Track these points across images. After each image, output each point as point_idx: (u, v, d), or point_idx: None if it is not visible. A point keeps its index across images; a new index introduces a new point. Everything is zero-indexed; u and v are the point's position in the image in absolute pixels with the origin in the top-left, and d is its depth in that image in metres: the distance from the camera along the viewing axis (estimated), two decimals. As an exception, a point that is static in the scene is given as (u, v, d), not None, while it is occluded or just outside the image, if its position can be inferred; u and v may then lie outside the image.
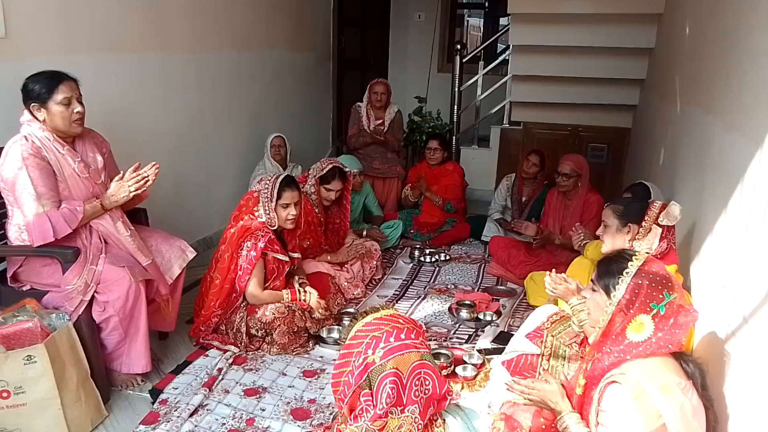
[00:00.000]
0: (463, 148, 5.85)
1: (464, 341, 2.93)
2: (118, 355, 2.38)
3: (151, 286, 2.43)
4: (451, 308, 3.24)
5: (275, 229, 2.81)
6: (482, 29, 8.38)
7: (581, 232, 2.99)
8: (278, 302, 2.74)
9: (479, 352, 2.73)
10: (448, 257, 4.09)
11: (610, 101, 4.97)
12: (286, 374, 2.58)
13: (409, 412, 1.92)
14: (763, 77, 1.92)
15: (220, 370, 2.55)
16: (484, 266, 3.96)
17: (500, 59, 5.79)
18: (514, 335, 2.51)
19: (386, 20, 7.19)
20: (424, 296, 3.47)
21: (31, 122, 2.21)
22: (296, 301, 2.77)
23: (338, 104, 6.31)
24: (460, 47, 5.57)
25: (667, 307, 1.56)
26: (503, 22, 7.39)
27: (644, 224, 2.34)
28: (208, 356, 2.68)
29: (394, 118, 4.88)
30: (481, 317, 3.13)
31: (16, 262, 2.30)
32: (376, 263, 3.69)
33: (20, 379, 1.98)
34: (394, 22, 7.23)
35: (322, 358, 2.73)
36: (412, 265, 3.98)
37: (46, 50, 2.65)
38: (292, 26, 5.07)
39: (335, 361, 2.07)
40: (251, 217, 2.79)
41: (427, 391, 1.97)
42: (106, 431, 2.21)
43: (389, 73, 7.20)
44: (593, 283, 1.71)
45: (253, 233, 2.73)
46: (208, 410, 2.31)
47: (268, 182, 2.80)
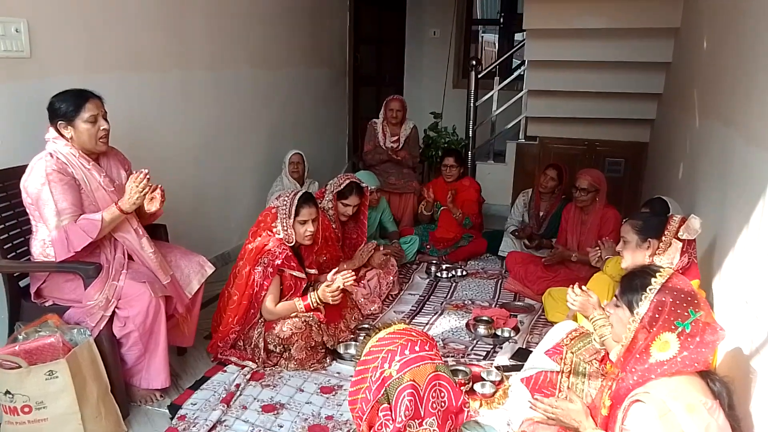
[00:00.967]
0: (478, 163, 5.85)
1: (482, 358, 2.90)
2: (137, 370, 2.39)
3: (170, 301, 2.44)
4: (468, 324, 3.22)
5: (293, 245, 2.82)
6: (497, 45, 8.43)
7: (599, 248, 2.97)
8: (293, 314, 2.73)
9: (497, 368, 2.71)
10: (464, 273, 4.06)
11: (627, 115, 4.94)
12: (303, 390, 2.57)
13: (427, 424, 1.92)
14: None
15: (238, 385, 2.55)
16: (501, 282, 3.94)
17: (515, 75, 5.80)
18: (532, 352, 2.49)
19: (401, 37, 7.25)
20: (441, 312, 3.45)
21: (57, 139, 2.25)
22: (310, 310, 2.76)
23: (354, 120, 6.36)
24: (475, 63, 5.59)
25: (692, 324, 1.53)
26: (518, 37, 7.42)
27: (664, 239, 2.32)
28: (226, 372, 2.69)
29: (409, 134, 4.90)
30: (498, 333, 3.11)
31: (39, 278, 2.33)
32: (392, 279, 3.68)
33: (42, 394, 2.00)
34: (409, 38, 7.29)
35: (339, 374, 2.72)
36: (428, 280, 3.96)
37: (69, 69, 2.70)
38: (308, 44, 5.14)
39: (352, 377, 2.06)
40: (269, 233, 2.80)
41: (443, 403, 1.97)
42: (125, 447, 2.22)
43: (404, 88, 7.23)
44: (617, 298, 1.70)
45: (270, 250, 2.73)
46: (226, 426, 2.30)
47: (286, 199, 2.81)
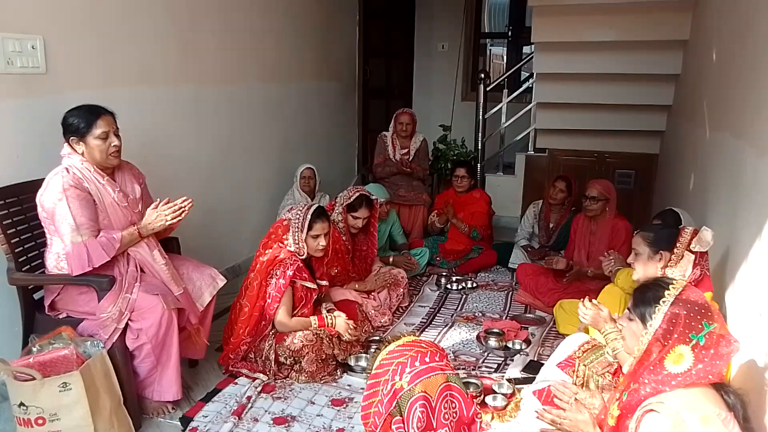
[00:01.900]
0: (488, 175, 5.85)
1: (493, 370, 2.89)
2: (150, 382, 2.40)
3: (182, 314, 2.46)
4: (479, 336, 3.21)
5: (303, 257, 2.83)
6: (505, 58, 8.45)
7: (612, 258, 2.96)
8: (306, 329, 2.74)
9: (509, 381, 2.70)
10: (474, 285, 4.06)
11: (636, 127, 4.94)
12: (314, 403, 2.57)
13: (440, 435, 1.91)
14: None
15: (249, 398, 2.55)
16: (511, 294, 3.93)
17: (524, 87, 5.82)
18: (544, 364, 2.48)
19: (410, 50, 7.30)
20: (451, 324, 3.44)
21: (71, 155, 2.29)
22: (324, 327, 2.77)
23: (363, 133, 6.40)
24: (483, 76, 5.62)
25: (706, 337, 1.53)
26: (526, 50, 7.45)
27: (676, 251, 2.31)
28: (237, 384, 2.69)
29: (419, 146, 4.93)
30: (510, 346, 3.10)
31: (54, 291, 2.35)
32: (402, 291, 3.68)
33: (55, 406, 2.01)
34: (418, 52, 7.34)
35: (350, 386, 2.72)
36: (438, 292, 3.96)
37: (84, 84, 2.75)
38: (318, 58, 5.18)
39: (363, 390, 2.06)
40: (280, 245, 2.81)
41: (455, 413, 1.96)
42: (137, 459, 2.22)
43: (414, 101, 7.28)
44: (629, 311, 1.69)
45: (282, 261, 2.75)
46: (237, 439, 2.31)
47: (299, 212, 2.82)
